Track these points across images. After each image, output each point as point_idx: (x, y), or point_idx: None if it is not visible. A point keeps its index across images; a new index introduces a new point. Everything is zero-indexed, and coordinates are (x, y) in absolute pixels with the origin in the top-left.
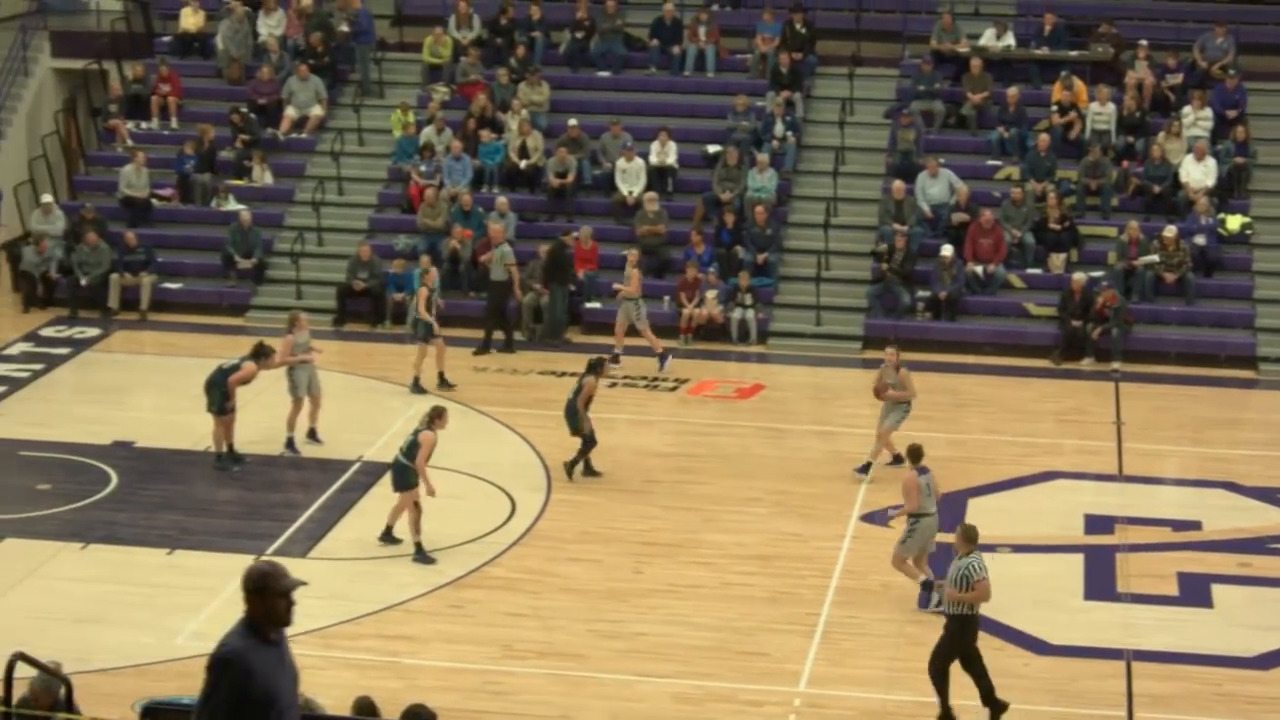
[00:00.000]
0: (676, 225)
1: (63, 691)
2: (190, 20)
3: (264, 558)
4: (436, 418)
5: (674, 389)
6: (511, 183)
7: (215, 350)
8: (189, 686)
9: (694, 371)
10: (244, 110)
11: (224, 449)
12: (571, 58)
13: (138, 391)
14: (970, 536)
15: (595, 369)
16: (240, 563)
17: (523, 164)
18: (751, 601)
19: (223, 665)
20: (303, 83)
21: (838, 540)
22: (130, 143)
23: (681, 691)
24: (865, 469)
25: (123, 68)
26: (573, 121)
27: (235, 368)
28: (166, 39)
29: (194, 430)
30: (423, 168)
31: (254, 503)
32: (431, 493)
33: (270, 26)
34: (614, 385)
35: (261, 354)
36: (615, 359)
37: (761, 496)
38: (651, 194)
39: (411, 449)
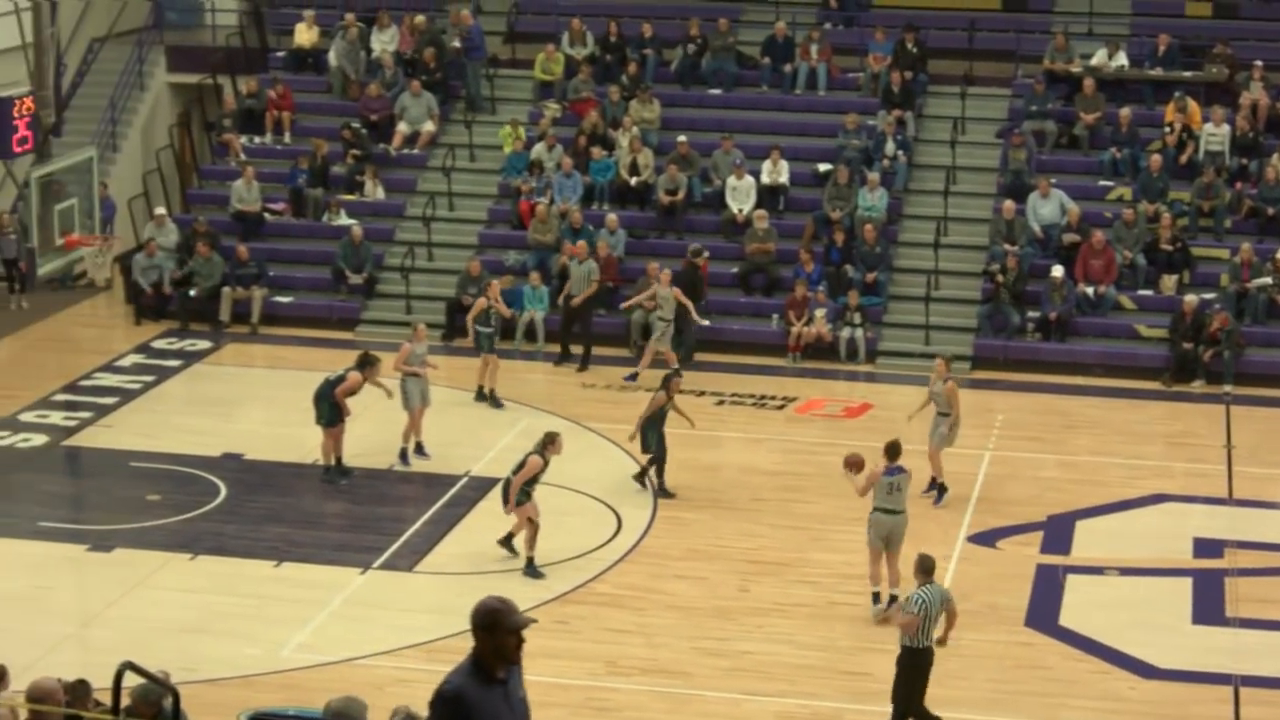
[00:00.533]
0: (786, 243)
1: (169, 701)
2: (304, 36)
3: (493, 595)
4: (549, 443)
5: (781, 407)
6: (622, 199)
7: (324, 364)
8: (294, 698)
9: (802, 390)
10: (356, 126)
11: (332, 462)
12: (683, 75)
13: (247, 404)
14: (925, 568)
15: (665, 383)
16: (346, 575)
17: (633, 181)
18: (856, 621)
19: (443, 703)
20: (415, 99)
21: (943, 561)
22: (243, 157)
23: (785, 710)
24: (938, 492)
25: (237, 82)
26: (683, 138)
27: (341, 379)
28: (280, 54)
29: (303, 443)
30: (533, 184)
31: (361, 516)
32: (520, 515)
33: (384, 42)
34: (721, 403)
35: (366, 364)
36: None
37: (868, 516)
38: (761, 212)
39: (518, 469)
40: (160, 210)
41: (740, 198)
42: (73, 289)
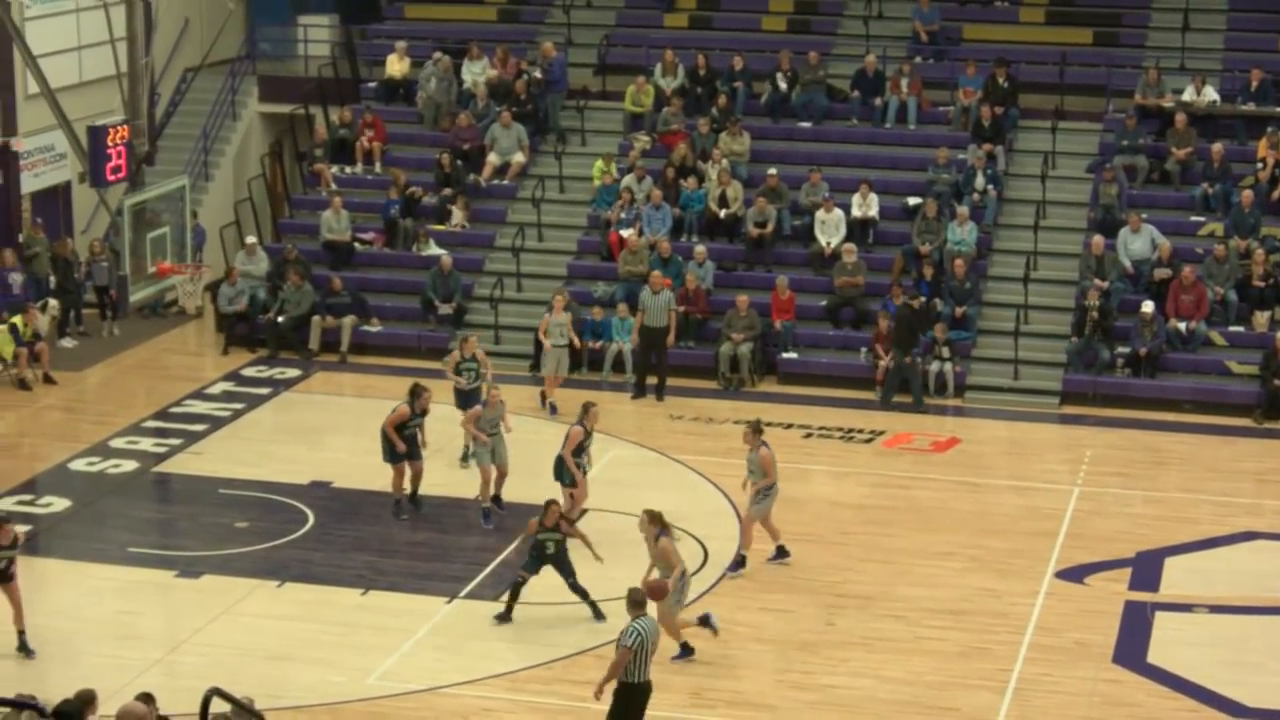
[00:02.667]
0: (875, 277)
1: None
2: (395, 66)
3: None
4: (587, 413)
5: (869, 441)
6: (711, 232)
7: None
8: None
9: (890, 424)
10: (447, 156)
11: (401, 495)
12: (773, 108)
13: (336, 432)
14: (637, 600)
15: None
16: (432, 605)
17: (722, 213)
18: (944, 656)
19: None
20: (505, 130)
21: (1032, 596)
22: (334, 187)
23: None
24: (736, 563)
25: (328, 113)
26: (772, 171)
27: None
28: (372, 85)
29: (389, 473)
30: (622, 215)
31: (447, 545)
32: (575, 484)
33: (475, 74)
34: (809, 436)
35: (414, 395)
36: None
37: (956, 551)
38: (850, 245)
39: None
40: (251, 239)
41: (829, 231)
42: (164, 316)
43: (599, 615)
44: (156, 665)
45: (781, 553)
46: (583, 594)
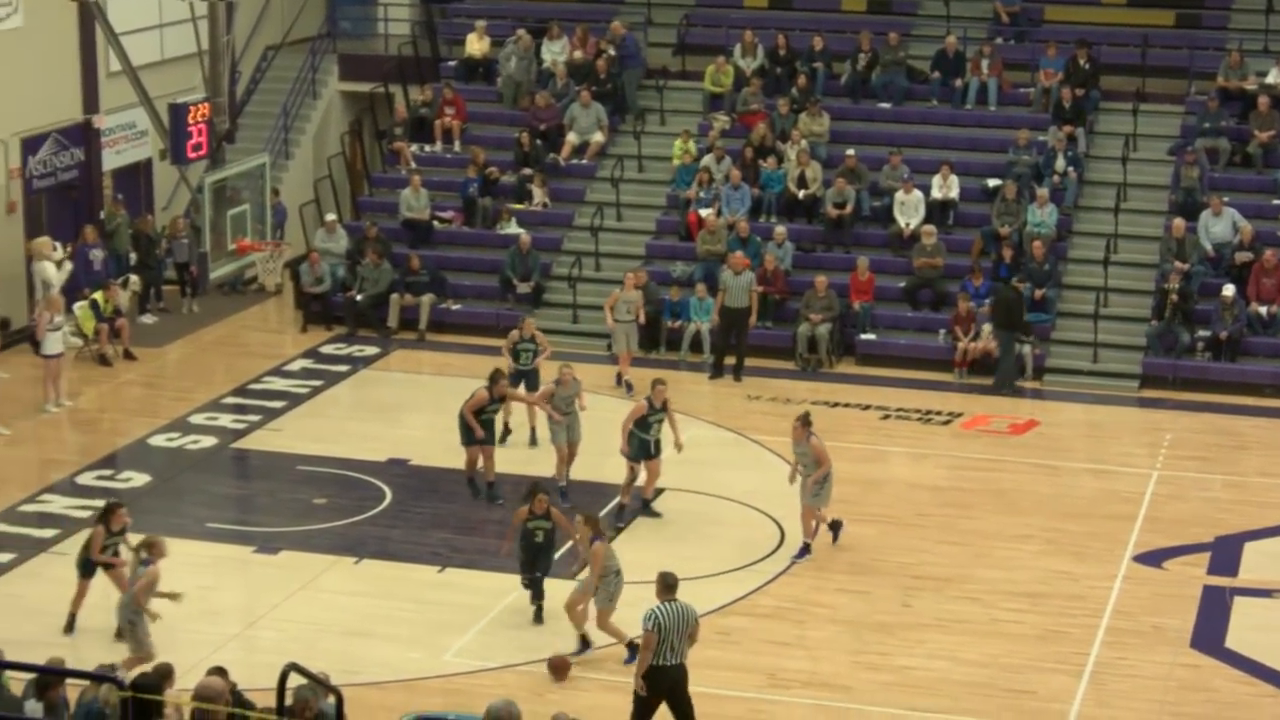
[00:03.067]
0: (954, 258)
1: (331, 699)
2: (475, 45)
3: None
4: (651, 389)
5: (947, 423)
6: (790, 212)
7: (489, 372)
8: (455, 703)
9: (968, 406)
10: (526, 135)
11: (482, 478)
12: (853, 89)
13: (413, 410)
14: (668, 584)
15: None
16: (509, 582)
17: (801, 194)
18: (1020, 639)
19: None
20: (584, 109)
21: (1109, 580)
22: (413, 165)
23: None
24: (802, 550)
25: (408, 91)
26: (850, 152)
27: (470, 398)
28: (452, 63)
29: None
30: (701, 195)
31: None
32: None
33: (554, 53)
34: (887, 418)
35: (493, 380)
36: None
37: (1033, 533)
38: (929, 227)
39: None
40: (331, 217)
41: (908, 212)
42: (244, 293)
43: (539, 619)
44: (234, 640)
45: (806, 550)
46: (539, 591)
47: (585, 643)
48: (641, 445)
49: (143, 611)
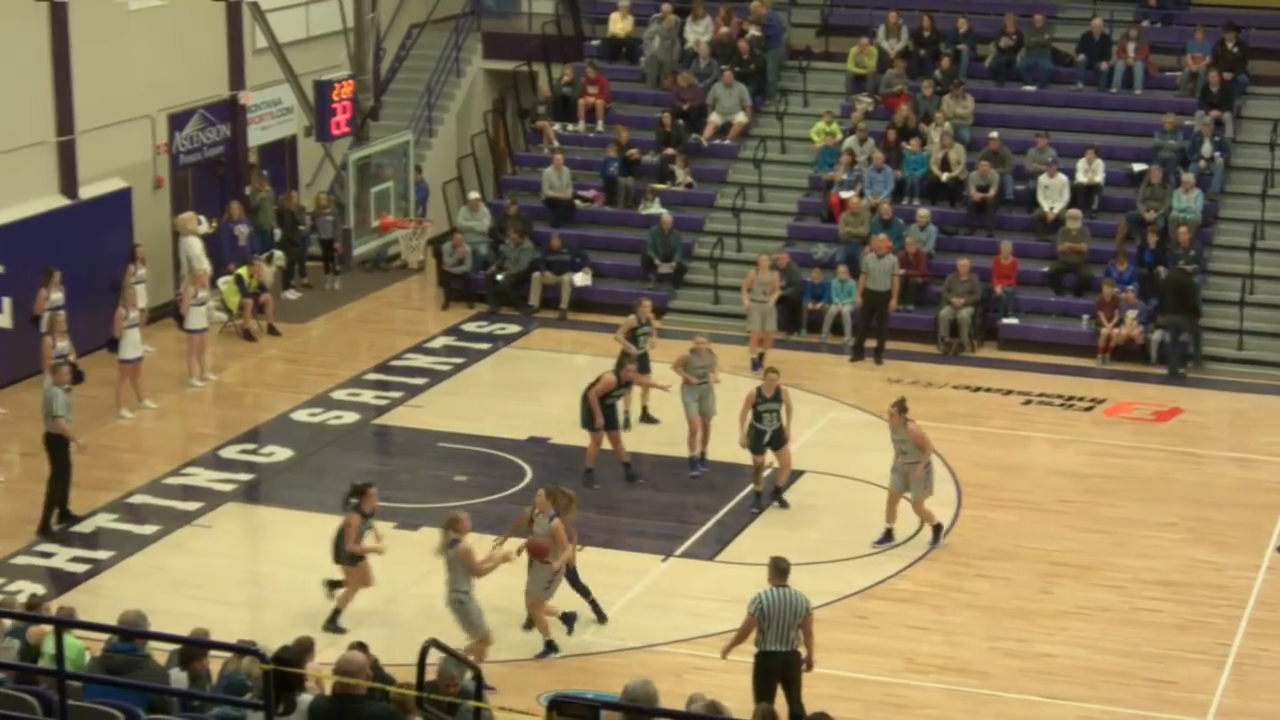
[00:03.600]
0: (1098, 243)
1: (469, 676)
2: (619, 25)
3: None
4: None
5: (1089, 409)
6: (932, 195)
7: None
8: (593, 682)
9: (1111, 392)
10: (668, 115)
11: (591, 469)
12: (997, 71)
13: (554, 389)
14: (780, 569)
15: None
16: (648, 562)
17: (944, 177)
18: (1161, 628)
19: None
20: (727, 89)
21: (1253, 570)
22: (556, 144)
23: (1086, 715)
24: (934, 534)
25: (551, 70)
26: (995, 134)
27: (595, 382)
28: (595, 42)
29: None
30: (843, 177)
31: (663, 504)
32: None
33: (698, 33)
34: (1028, 403)
35: (621, 365)
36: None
37: (1175, 522)
38: (1074, 211)
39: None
40: (474, 194)
41: (1052, 196)
42: (386, 270)
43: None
44: (374, 615)
45: (889, 536)
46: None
47: (551, 647)
48: (755, 436)
49: (470, 591)
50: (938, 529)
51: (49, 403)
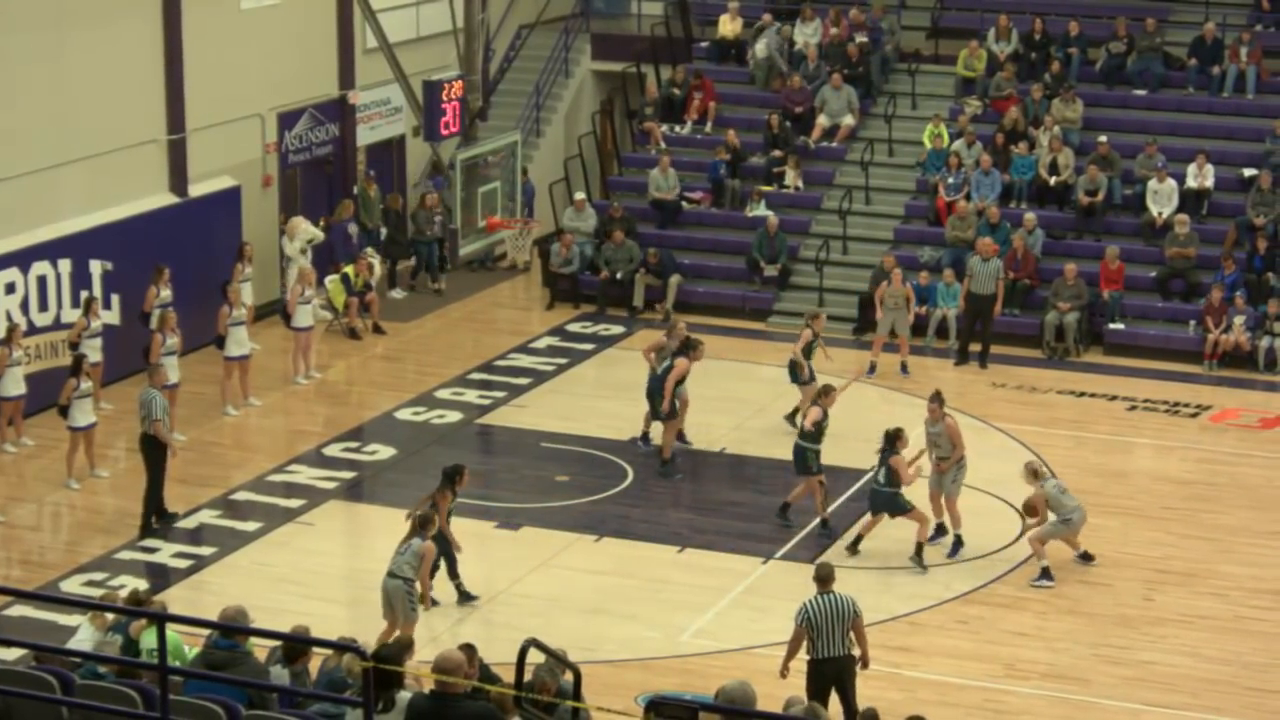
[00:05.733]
0: (1206, 248)
1: (568, 676)
2: (728, 27)
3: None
4: (692, 349)
5: (1195, 415)
6: (1041, 199)
7: (735, 353)
8: (690, 684)
9: (1217, 398)
10: (776, 117)
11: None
12: (1107, 74)
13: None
14: (822, 576)
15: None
16: (748, 565)
17: (1052, 180)
18: (1266, 637)
19: None
20: (835, 92)
21: None
22: (663, 145)
23: None
24: (955, 543)
25: (659, 71)
26: (1104, 139)
27: (669, 370)
28: (704, 44)
29: (711, 431)
30: (950, 180)
31: (766, 506)
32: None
33: (807, 35)
34: (1134, 409)
35: (689, 347)
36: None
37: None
38: (1182, 216)
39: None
40: (580, 195)
41: (1161, 201)
42: (493, 270)
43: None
44: (474, 614)
45: (941, 531)
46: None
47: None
48: (801, 457)
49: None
50: (957, 539)
51: (147, 405)
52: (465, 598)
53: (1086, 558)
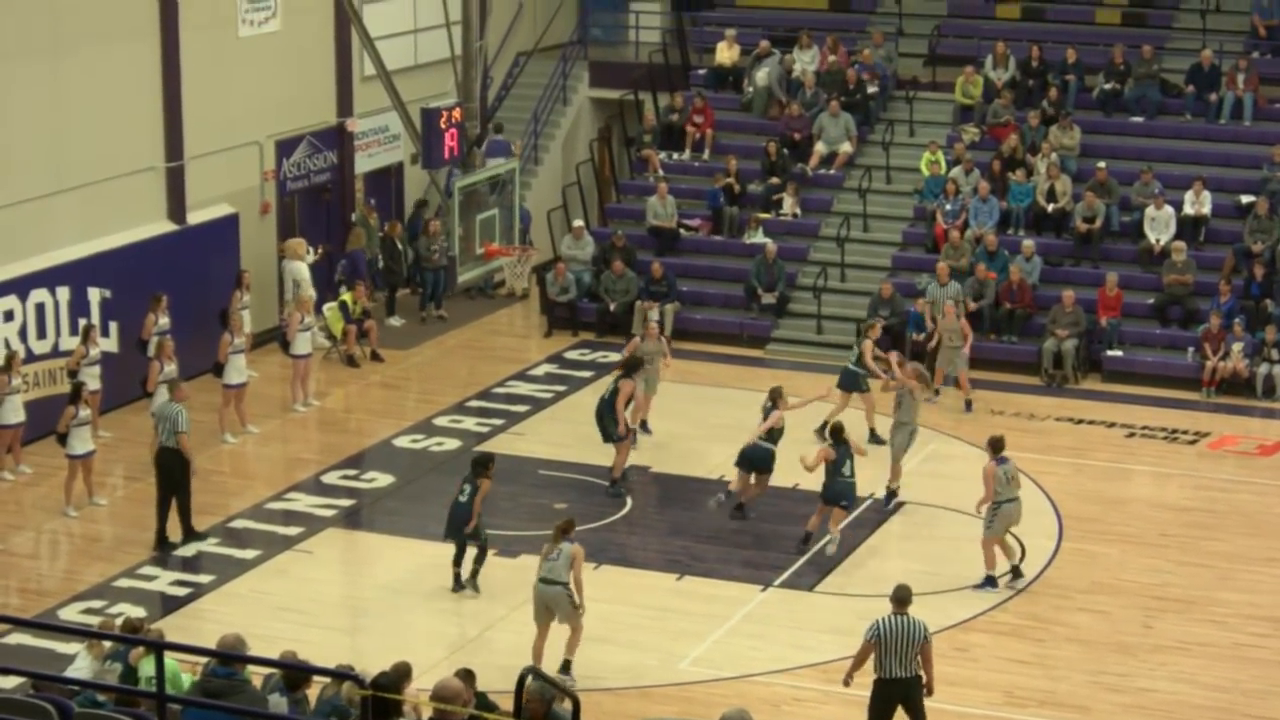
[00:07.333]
0: (1204, 275)
1: (566, 704)
2: (725, 54)
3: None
4: (636, 368)
5: (1194, 442)
6: (1038, 226)
7: (732, 380)
8: (689, 711)
9: (1215, 425)
10: (774, 144)
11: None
12: (1105, 102)
13: (654, 418)
14: (899, 598)
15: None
16: (747, 592)
17: (1050, 208)
18: (1264, 664)
19: None
20: (833, 119)
21: None
22: (661, 173)
23: None
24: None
25: (658, 98)
26: (1101, 165)
27: (615, 392)
28: (701, 72)
29: (708, 459)
30: (948, 207)
31: (765, 534)
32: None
33: (805, 62)
34: (1132, 435)
35: (633, 367)
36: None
37: (1279, 557)
38: (1180, 243)
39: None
40: (579, 223)
41: (1159, 228)
42: (492, 298)
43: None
44: (473, 642)
45: (990, 583)
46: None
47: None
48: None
49: None
50: (990, 580)
51: (173, 419)
52: (461, 587)
53: (1016, 573)
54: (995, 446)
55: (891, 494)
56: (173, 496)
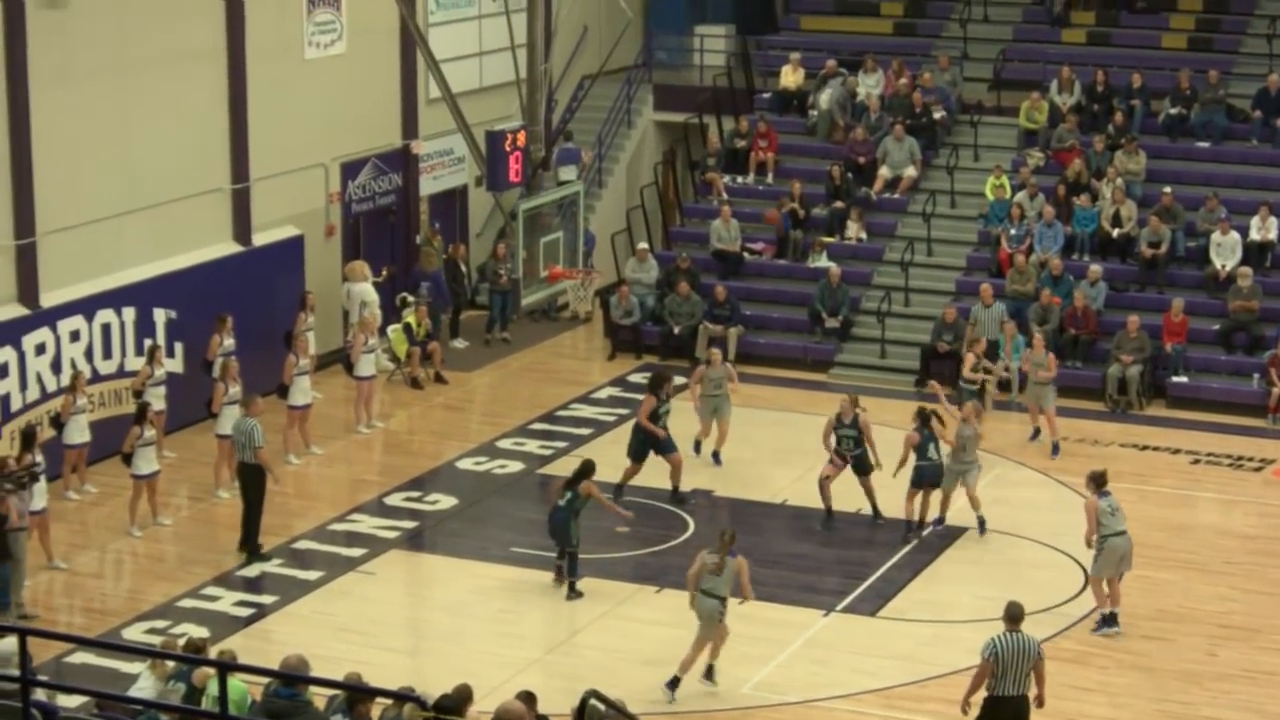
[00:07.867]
0: (1270, 301)
1: None
2: (790, 78)
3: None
4: (659, 385)
5: (1259, 469)
6: (1103, 251)
7: (796, 404)
8: None
9: None
10: (838, 168)
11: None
12: (1170, 127)
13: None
14: (1012, 615)
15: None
16: (809, 617)
17: (1115, 233)
18: None
19: None
20: (898, 143)
21: None
22: (725, 196)
23: None
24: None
25: (722, 122)
26: (1167, 190)
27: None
28: (766, 95)
29: (772, 483)
30: (1013, 232)
31: (827, 558)
32: None
33: (869, 86)
34: (1197, 462)
35: (657, 384)
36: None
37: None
38: (1245, 269)
39: None
40: (642, 245)
41: (1224, 253)
42: (556, 320)
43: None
44: (535, 664)
45: (1107, 622)
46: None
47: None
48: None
49: None
50: (1107, 618)
51: (249, 434)
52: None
53: (1109, 620)
54: (1098, 481)
55: (940, 520)
56: (256, 504)
